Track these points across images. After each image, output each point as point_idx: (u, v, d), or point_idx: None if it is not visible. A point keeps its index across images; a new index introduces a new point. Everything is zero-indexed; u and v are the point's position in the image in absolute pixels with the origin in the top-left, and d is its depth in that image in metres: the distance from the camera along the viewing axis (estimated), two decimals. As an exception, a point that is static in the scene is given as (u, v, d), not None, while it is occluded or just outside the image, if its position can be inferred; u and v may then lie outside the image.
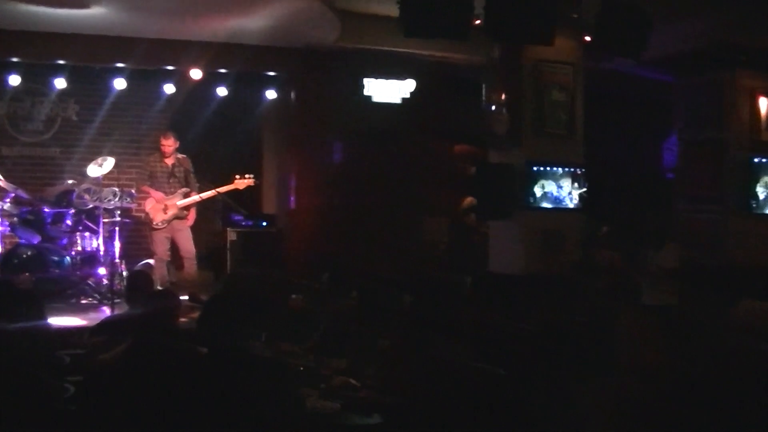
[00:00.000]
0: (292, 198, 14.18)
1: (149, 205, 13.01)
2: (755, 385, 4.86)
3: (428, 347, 6.22)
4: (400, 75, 14.47)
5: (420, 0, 10.05)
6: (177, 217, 12.88)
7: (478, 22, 10.38)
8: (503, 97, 12.41)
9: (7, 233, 13.49)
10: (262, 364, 4.82)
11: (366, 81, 14.34)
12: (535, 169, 12.27)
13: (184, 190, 12.93)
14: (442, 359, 5.79)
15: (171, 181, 12.96)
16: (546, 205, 12.33)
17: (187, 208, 12.94)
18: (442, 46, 12.87)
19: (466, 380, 5.44)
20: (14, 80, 14.12)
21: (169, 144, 12.93)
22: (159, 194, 12.91)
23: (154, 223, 12.88)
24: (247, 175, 13.03)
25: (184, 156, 13.13)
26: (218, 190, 12.93)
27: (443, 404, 5.38)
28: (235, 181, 12.97)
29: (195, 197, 12.94)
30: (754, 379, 4.88)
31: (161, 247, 12.90)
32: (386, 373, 6.39)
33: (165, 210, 12.80)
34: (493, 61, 12.69)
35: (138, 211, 14.74)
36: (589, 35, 11.70)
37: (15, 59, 13.72)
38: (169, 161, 13.00)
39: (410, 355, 6.32)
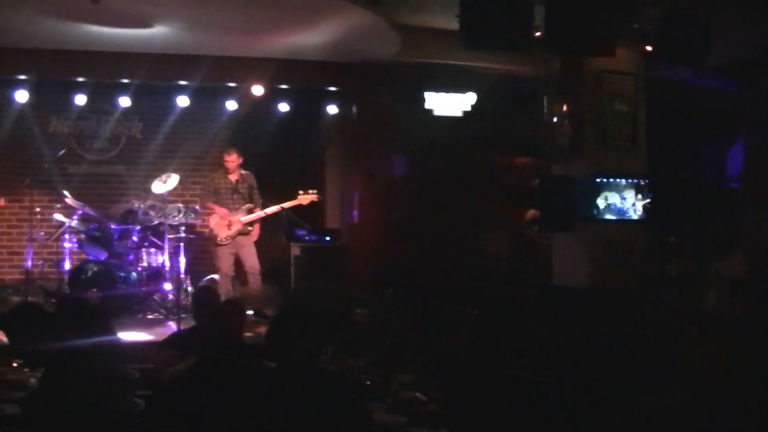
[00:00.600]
0: (355, 212, 14.19)
1: (213, 222, 13.04)
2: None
3: (494, 361, 6.22)
4: (460, 88, 14.46)
5: (480, 12, 10.03)
6: (241, 233, 12.86)
7: (538, 34, 10.37)
8: (565, 108, 12.38)
9: (75, 250, 13.70)
10: (330, 378, 4.84)
11: (427, 95, 14.35)
12: (598, 180, 12.22)
13: (248, 206, 12.91)
14: (507, 373, 5.78)
15: (235, 197, 12.96)
16: (609, 216, 12.28)
17: (251, 223, 12.92)
18: (503, 58, 12.86)
19: (532, 394, 5.43)
20: (80, 99, 14.32)
21: (232, 160, 12.94)
22: (223, 210, 12.93)
23: (219, 239, 12.89)
24: (310, 191, 13.03)
25: (248, 172, 13.14)
26: (282, 205, 12.92)
27: (510, 419, 5.38)
28: (299, 196, 12.94)
29: (259, 213, 12.92)
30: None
31: (226, 262, 12.91)
32: (452, 387, 6.39)
33: (229, 226, 12.81)
34: (554, 73, 12.64)
35: (202, 227, 14.87)
36: (650, 45, 11.65)
37: (81, 79, 13.88)
38: (233, 177, 13.00)
39: (476, 368, 6.33)
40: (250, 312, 10.66)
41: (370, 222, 14.03)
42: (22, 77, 13.55)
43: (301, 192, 12.97)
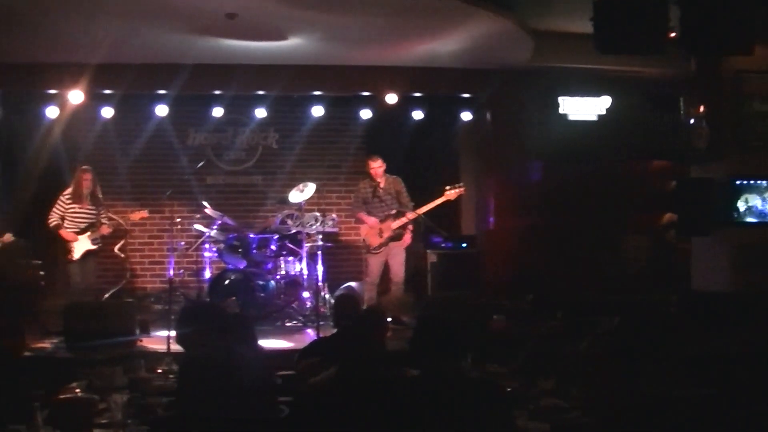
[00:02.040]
0: (491, 219, 14.14)
1: (365, 231, 13.02)
2: None
3: (636, 368, 6.15)
4: (595, 92, 14.30)
5: (614, 16, 9.88)
6: (393, 239, 12.84)
7: (673, 34, 10.19)
8: (702, 110, 12.14)
9: (215, 259, 13.96)
10: (474, 385, 4.85)
11: (561, 99, 14.22)
12: (737, 182, 11.95)
13: (397, 210, 12.91)
14: (650, 381, 5.71)
15: (383, 203, 12.94)
16: (750, 219, 11.97)
17: (402, 227, 12.90)
18: (638, 60, 12.65)
19: (674, 402, 5.36)
20: (217, 112, 14.58)
21: (377, 166, 12.89)
22: (373, 219, 12.89)
23: (372, 248, 12.86)
24: (457, 185, 13.01)
25: (395, 177, 13.09)
26: (433, 203, 12.84)
27: (653, 427, 5.31)
28: (446, 192, 12.86)
29: (408, 216, 12.82)
30: None
31: (376, 270, 12.91)
32: (594, 394, 6.33)
33: (381, 234, 12.79)
34: (690, 74, 12.43)
35: (342, 235, 15.07)
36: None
37: (218, 92, 14.16)
38: (380, 184, 12.95)
39: (618, 376, 6.26)
40: (389, 319, 10.72)
41: (506, 228, 13.95)
42: (162, 92, 13.87)
43: (447, 187, 12.89)
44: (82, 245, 12.52)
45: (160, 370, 8.26)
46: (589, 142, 13.96)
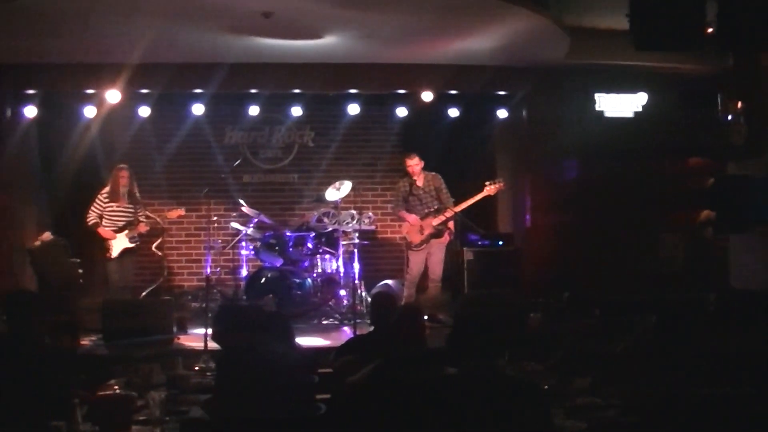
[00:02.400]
0: (528, 216, 14.11)
1: (406, 229, 12.97)
2: None
3: (673, 366, 6.12)
4: (631, 88, 14.24)
5: (651, 12, 9.84)
6: (434, 236, 12.77)
7: (710, 30, 10.12)
8: (740, 106, 12.09)
9: (251, 257, 14.02)
10: (511, 382, 4.84)
11: (597, 96, 14.16)
12: (776, 179, 11.88)
13: (437, 206, 12.85)
14: (687, 379, 5.69)
15: (423, 201, 12.88)
16: (789, 216, 11.91)
17: (443, 224, 12.81)
18: (674, 56, 12.61)
19: (712, 401, 5.34)
20: (253, 110, 14.65)
21: (415, 163, 12.83)
22: (413, 217, 12.82)
23: (413, 245, 12.81)
24: (496, 180, 12.94)
25: (434, 173, 13.03)
26: (472, 199, 12.80)
27: (690, 426, 5.29)
28: (486, 187, 12.79)
29: (448, 213, 12.73)
30: None
31: (417, 268, 12.86)
32: (631, 393, 6.31)
33: (421, 231, 12.72)
34: (727, 70, 12.36)
35: (378, 233, 15.11)
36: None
37: (254, 90, 14.22)
38: (419, 181, 12.89)
39: (655, 374, 6.24)
40: (425, 317, 10.71)
41: (543, 226, 13.92)
42: (198, 91, 13.95)
43: (487, 183, 12.82)
44: (119, 243, 12.61)
45: (197, 368, 8.31)
46: (625, 140, 13.89)
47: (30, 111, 13.64)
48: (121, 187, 12.63)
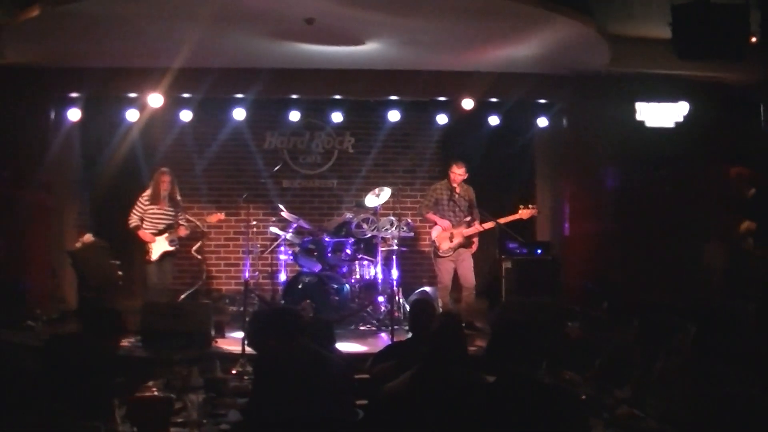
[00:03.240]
0: (566, 225, 14.04)
1: (435, 233, 12.96)
2: None
3: (714, 377, 6.08)
4: (673, 97, 14.13)
5: (693, 21, 9.80)
6: (462, 246, 12.82)
7: (754, 39, 10.05)
8: (784, 115, 11.99)
9: (290, 262, 14.06)
10: (550, 391, 4.83)
11: (638, 105, 14.06)
12: (821, 189, 11.78)
13: (469, 219, 12.88)
14: (728, 390, 5.65)
15: (456, 210, 12.90)
16: (831, 228, 11.80)
17: (471, 237, 12.90)
18: (717, 65, 12.50)
19: (754, 411, 5.30)
20: (294, 116, 14.69)
21: (461, 173, 12.83)
22: (446, 222, 12.84)
23: (441, 251, 12.82)
24: (530, 205, 12.92)
25: (468, 186, 13.06)
26: (503, 220, 12.80)
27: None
28: (520, 210, 12.80)
29: (479, 227, 12.82)
30: None
31: (447, 275, 12.83)
32: (671, 403, 6.28)
33: (451, 238, 12.73)
34: (771, 79, 12.27)
35: (417, 240, 15.11)
36: None
37: (295, 96, 14.26)
38: (456, 190, 12.91)
39: (695, 385, 6.20)
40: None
41: (582, 234, 13.84)
42: (240, 96, 14.01)
43: (521, 206, 12.84)
44: (159, 246, 12.70)
45: (234, 371, 8.37)
46: (666, 149, 13.78)
47: (73, 114, 13.74)
48: (162, 190, 12.73)
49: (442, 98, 14.36)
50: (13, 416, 4.75)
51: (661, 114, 14.09)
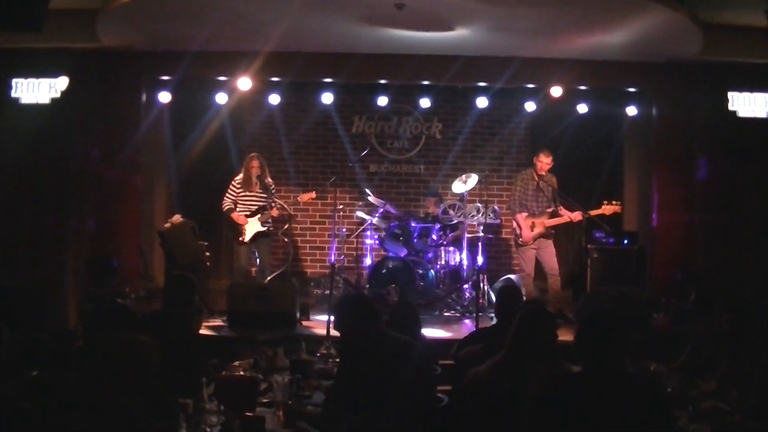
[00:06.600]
0: (654, 215, 13.87)
1: (518, 221, 12.90)
2: None
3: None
4: (766, 87, 13.87)
5: (791, 8, 9.63)
6: (542, 236, 12.76)
7: None
8: None
9: (376, 246, 14.12)
10: (636, 383, 4.80)
11: (730, 95, 13.81)
12: None
13: (552, 209, 12.84)
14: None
15: (539, 199, 12.85)
16: None
17: (553, 227, 12.85)
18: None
19: None
20: (382, 101, 14.72)
21: (548, 162, 12.76)
22: (526, 227, 12.75)
23: (521, 240, 12.77)
24: (614, 201, 12.81)
25: (552, 175, 12.98)
26: (586, 214, 12.72)
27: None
28: (604, 206, 12.72)
29: (561, 218, 12.77)
30: None
31: (529, 263, 12.78)
32: (758, 399, 6.20)
33: (532, 227, 12.69)
34: None
35: (503, 227, 15.09)
36: None
37: (383, 81, 14.29)
38: (541, 179, 12.84)
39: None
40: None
41: (670, 225, 13.64)
42: (328, 80, 14.07)
43: (606, 202, 12.77)
44: (252, 227, 12.83)
45: (319, 354, 8.44)
46: (759, 139, 13.52)
47: (164, 96, 13.90)
48: (253, 175, 12.86)
49: (530, 85, 14.23)
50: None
51: (754, 104, 13.82)
